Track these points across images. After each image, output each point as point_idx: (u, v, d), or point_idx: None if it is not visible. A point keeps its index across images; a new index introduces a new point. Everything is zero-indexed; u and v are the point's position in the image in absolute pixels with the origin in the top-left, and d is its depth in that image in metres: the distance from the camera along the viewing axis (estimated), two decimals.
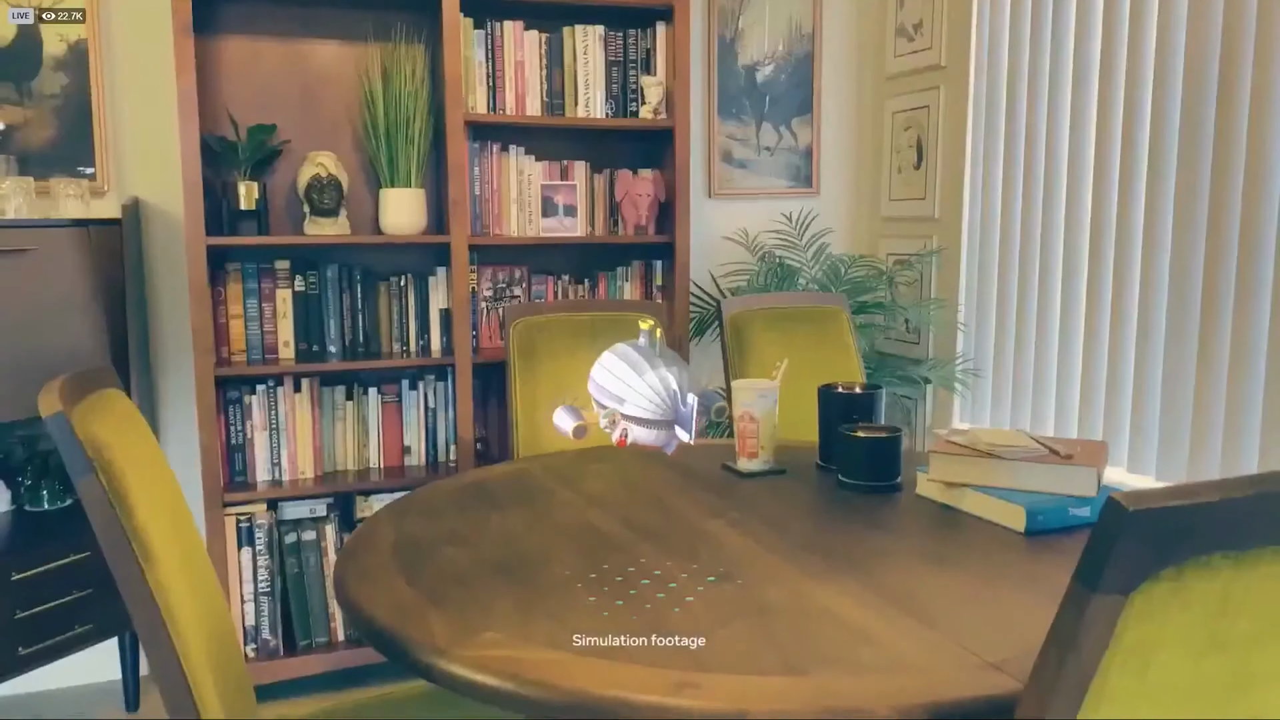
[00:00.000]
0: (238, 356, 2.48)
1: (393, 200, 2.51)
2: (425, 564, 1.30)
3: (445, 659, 1.01)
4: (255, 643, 2.45)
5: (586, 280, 2.80)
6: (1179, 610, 0.71)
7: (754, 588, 1.19)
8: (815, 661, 0.99)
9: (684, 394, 1.02)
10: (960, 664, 0.98)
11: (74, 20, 2.38)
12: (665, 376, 1.06)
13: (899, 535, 1.44)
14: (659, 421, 1.06)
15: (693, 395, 1.03)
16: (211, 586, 1.30)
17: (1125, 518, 0.65)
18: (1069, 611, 0.69)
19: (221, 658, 1.21)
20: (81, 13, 2.41)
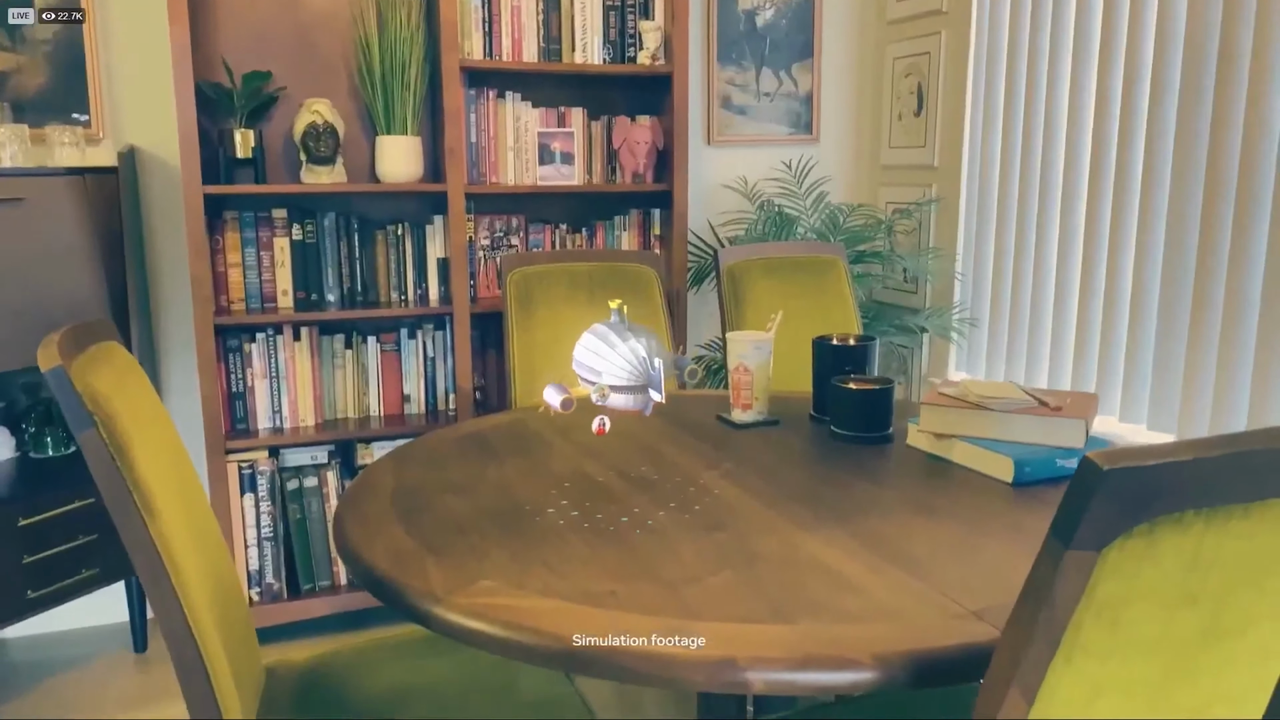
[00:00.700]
0: (237, 305, 2.49)
1: (389, 148, 2.50)
2: (424, 512, 1.33)
3: (442, 606, 1.04)
4: (259, 587, 2.49)
5: (584, 229, 2.80)
6: (1151, 565, 0.73)
7: (745, 538, 1.22)
8: (801, 609, 1.02)
9: (653, 360, 1.15)
10: (942, 612, 1.01)
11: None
12: (635, 346, 1.19)
13: (888, 486, 1.46)
14: (635, 386, 1.20)
15: (659, 359, 1.17)
16: (214, 536, 1.33)
17: (1099, 476, 0.66)
18: (1043, 565, 0.71)
19: (224, 605, 1.24)
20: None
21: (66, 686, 2.36)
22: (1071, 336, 2.39)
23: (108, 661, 2.48)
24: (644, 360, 1.19)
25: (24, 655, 2.52)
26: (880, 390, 1.65)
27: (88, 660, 2.48)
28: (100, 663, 2.47)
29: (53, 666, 2.46)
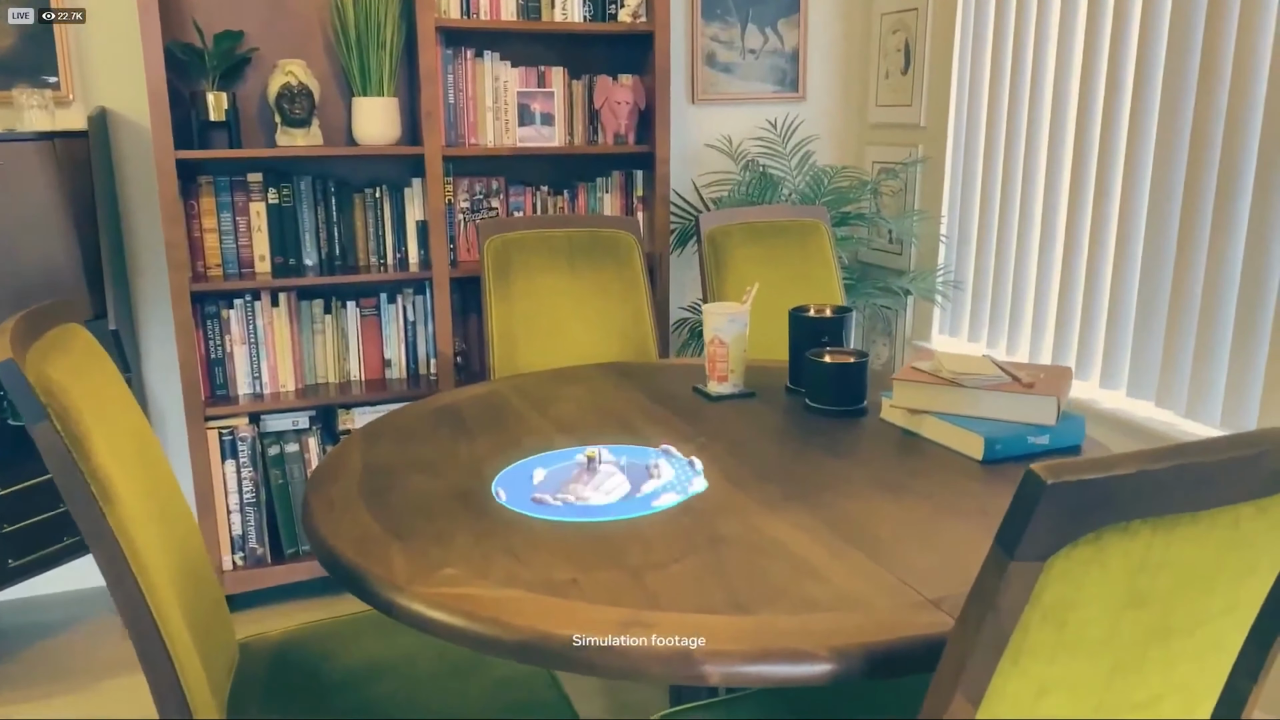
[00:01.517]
0: (213, 271, 2.47)
1: (365, 110, 2.46)
2: (391, 493, 1.33)
3: (404, 595, 1.04)
4: (243, 552, 2.51)
5: (565, 191, 2.76)
6: (1098, 570, 0.73)
7: (710, 518, 1.22)
8: (761, 598, 1.02)
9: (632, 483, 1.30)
10: (900, 601, 1.01)
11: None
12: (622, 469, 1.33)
13: (859, 462, 1.46)
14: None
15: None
16: (183, 518, 1.33)
17: (1042, 489, 0.66)
18: (989, 574, 0.71)
19: (191, 588, 1.24)
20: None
21: (54, 651, 2.38)
22: (1054, 300, 2.38)
23: (94, 625, 2.50)
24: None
25: (10, 620, 2.54)
26: (854, 364, 1.65)
27: (75, 624, 2.51)
28: (87, 626, 2.49)
29: (39, 631, 2.48)
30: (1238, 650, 0.90)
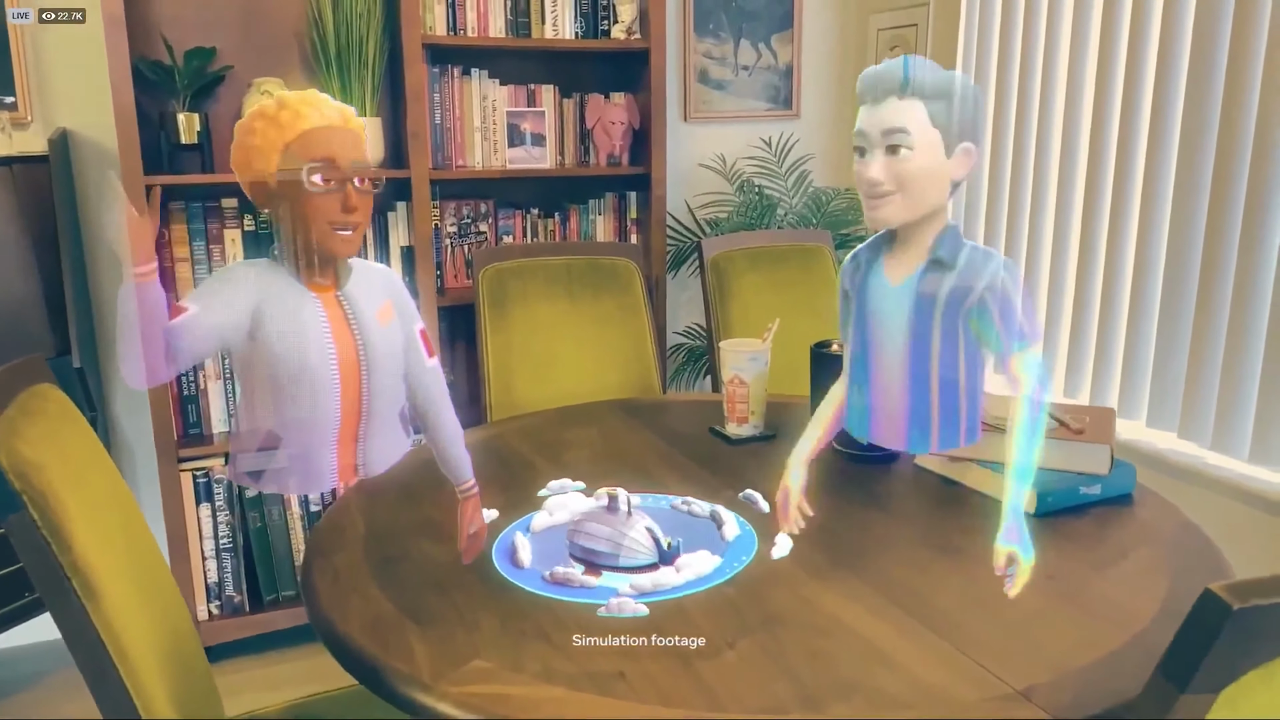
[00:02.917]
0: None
1: None
2: (400, 563, 1.21)
3: (431, 695, 0.93)
4: (219, 600, 2.36)
5: (556, 214, 2.65)
6: (1265, 693, 0.63)
7: (757, 592, 1.12)
8: (832, 692, 0.92)
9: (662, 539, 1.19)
10: (988, 694, 0.91)
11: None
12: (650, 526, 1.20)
13: (903, 518, 1.36)
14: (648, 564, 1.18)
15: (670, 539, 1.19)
16: (168, 593, 1.20)
17: (1228, 616, 0.56)
18: (1151, 708, 0.61)
19: (178, 675, 1.11)
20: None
21: (20, 707, 2.22)
22: (1067, 327, 2.31)
23: (63, 679, 2.34)
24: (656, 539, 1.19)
25: None
26: None
27: (41, 678, 2.34)
28: (55, 680, 2.33)
29: (7, 686, 2.31)
30: None
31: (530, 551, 1.18)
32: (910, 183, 1.33)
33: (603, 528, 1.18)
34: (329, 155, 1.23)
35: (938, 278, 1.33)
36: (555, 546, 1.21)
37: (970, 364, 1.35)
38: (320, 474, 1.31)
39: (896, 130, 1.31)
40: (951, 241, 1.36)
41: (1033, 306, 1.31)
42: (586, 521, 1.20)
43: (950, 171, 1.35)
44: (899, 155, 1.32)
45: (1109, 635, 1.01)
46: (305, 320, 1.26)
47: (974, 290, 1.31)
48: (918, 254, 1.39)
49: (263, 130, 1.24)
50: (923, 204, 1.36)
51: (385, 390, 1.35)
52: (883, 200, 1.34)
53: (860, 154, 1.38)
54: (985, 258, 1.33)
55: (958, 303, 1.32)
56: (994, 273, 1.31)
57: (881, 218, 1.36)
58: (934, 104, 1.31)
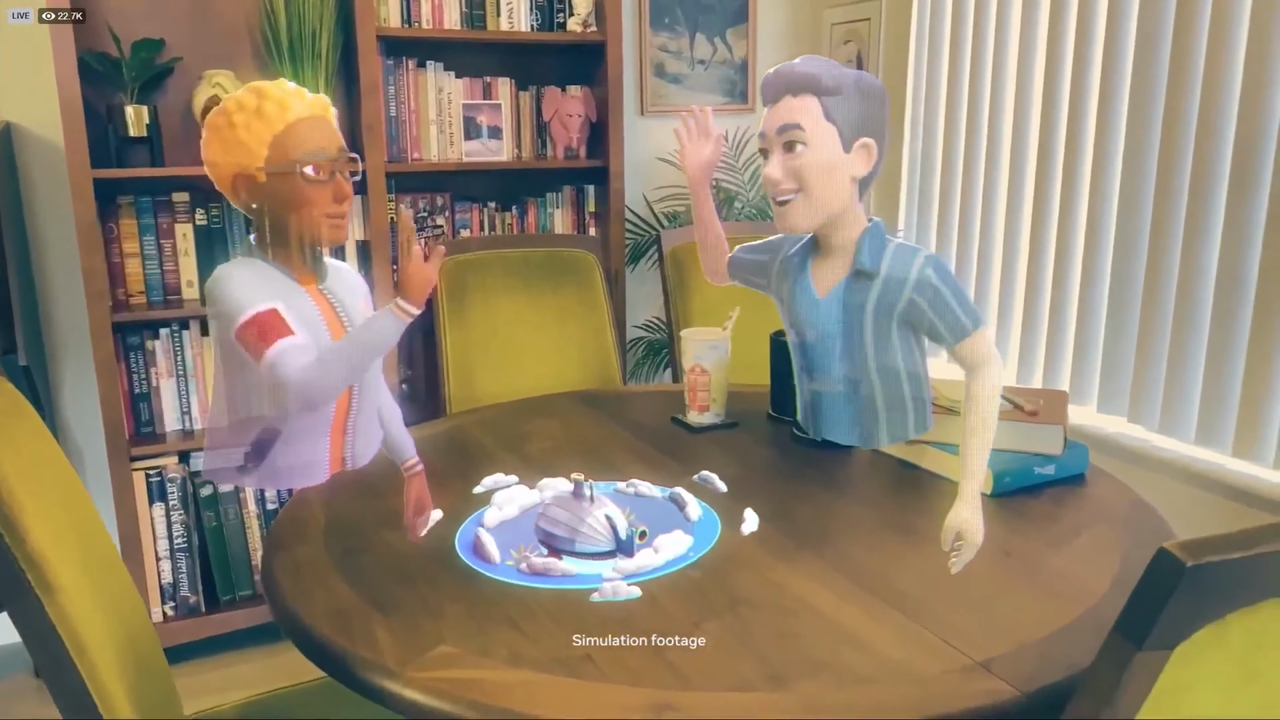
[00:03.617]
0: (136, 299, 2.28)
1: None
2: (363, 555, 1.20)
3: (397, 681, 0.92)
4: (174, 601, 2.32)
5: (514, 207, 2.64)
6: (1216, 651, 0.65)
7: (722, 574, 1.12)
8: (798, 670, 0.93)
9: (621, 527, 1.17)
10: (949, 666, 0.93)
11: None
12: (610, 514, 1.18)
13: (863, 501, 1.38)
14: (605, 551, 1.16)
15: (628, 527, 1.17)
16: (124, 590, 1.18)
17: (1182, 572, 0.58)
18: (1108, 666, 0.63)
19: (137, 672, 1.09)
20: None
21: None
22: (1019, 315, 2.35)
23: (4, 688, 2.28)
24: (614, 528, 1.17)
25: None
26: None
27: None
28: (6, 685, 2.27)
29: None
30: None
31: (497, 546, 1.17)
32: (809, 180, 1.31)
33: (563, 513, 1.18)
34: (320, 147, 1.22)
35: (864, 287, 1.33)
36: (511, 540, 1.21)
37: (909, 360, 1.37)
38: (315, 466, 1.31)
39: (791, 126, 1.31)
40: (873, 245, 1.36)
41: (966, 294, 1.32)
42: (551, 506, 1.20)
43: (850, 167, 1.35)
44: (795, 151, 1.30)
45: (1065, 609, 1.03)
46: (305, 315, 1.25)
47: (902, 295, 1.32)
48: (841, 260, 1.39)
49: (245, 123, 1.22)
50: (826, 205, 1.34)
51: (371, 383, 1.35)
52: (787, 204, 1.35)
53: (764, 156, 1.39)
54: (910, 257, 1.34)
55: (887, 309, 1.33)
56: (920, 273, 1.31)
57: (789, 224, 1.36)
58: (828, 99, 1.31)
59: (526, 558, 1.14)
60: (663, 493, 1.35)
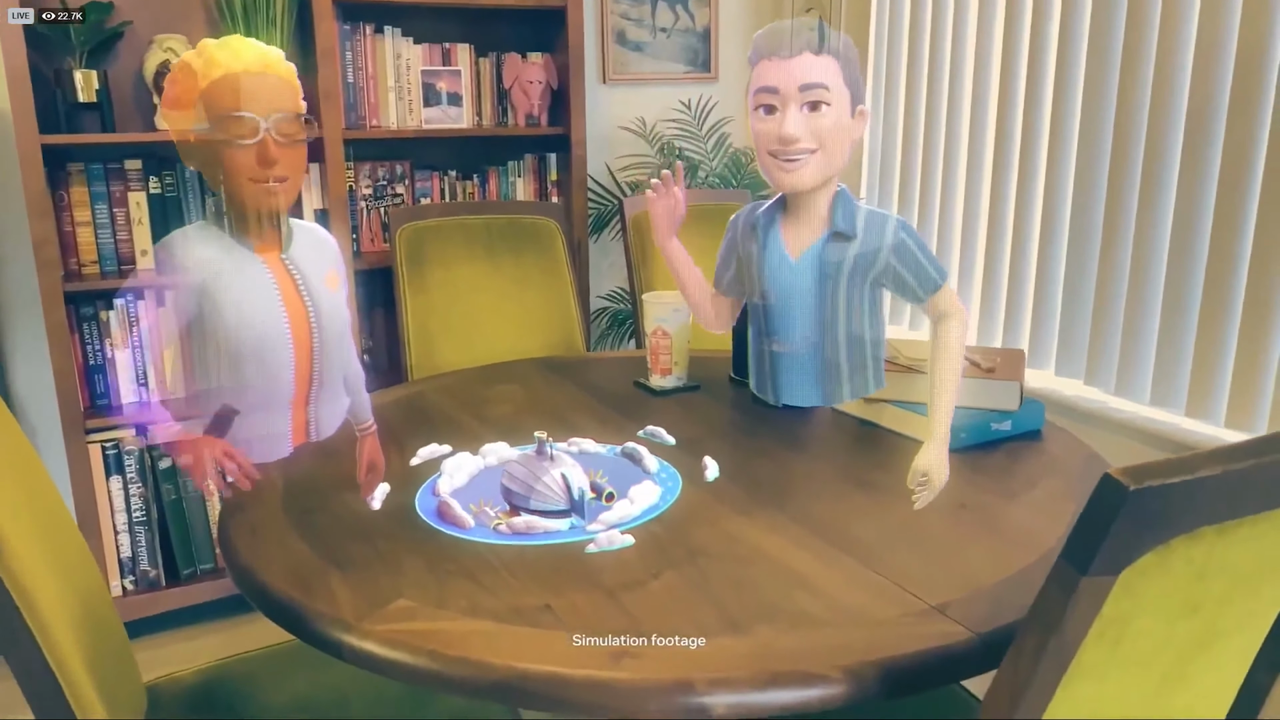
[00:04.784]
0: (89, 268, 2.24)
1: None
2: (320, 514, 1.19)
3: (354, 634, 0.92)
4: (134, 575, 2.29)
5: (475, 176, 2.62)
6: (1160, 579, 0.66)
7: (680, 528, 1.13)
8: (756, 615, 0.93)
9: (575, 487, 1.15)
10: (905, 610, 0.94)
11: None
12: (565, 473, 1.16)
13: (821, 458, 1.39)
14: (560, 510, 1.15)
15: (582, 487, 1.16)
16: (77, 551, 1.16)
17: (1124, 497, 0.59)
18: (1054, 592, 0.64)
19: (92, 631, 1.08)
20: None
21: None
22: (979, 280, 2.37)
23: None
24: (567, 488, 1.15)
25: None
26: None
27: None
28: None
29: None
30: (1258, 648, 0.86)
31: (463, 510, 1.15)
32: (829, 140, 1.33)
33: (522, 470, 1.18)
34: (240, 106, 1.18)
35: (841, 248, 1.35)
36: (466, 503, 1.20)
37: (874, 323, 1.40)
38: (278, 439, 1.30)
39: (817, 85, 1.31)
40: (846, 208, 1.37)
41: (931, 250, 1.37)
42: (513, 463, 1.20)
43: (853, 132, 1.38)
44: (820, 111, 1.32)
45: (1019, 556, 1.05)
46: (256, 287, 1.23)
47: (879, 258, 1.34)
48: (813, 223, 1.40)
49: (182, 82, 1.19)
50: (837, 166, 1.37)
51: (334, 355, 1.34)
52: (800, 161, 1.34)
53: (767, 111, 1.37)
54: (881, 222, 1.37)
55: (863, 270, 1.35)
56: (895, 237, 1.35)
57: (796, 180, 1.35)
58: (844, 63, 1.34)
59: (505, 519, 1.13)
60: (610, 451, 1.36)
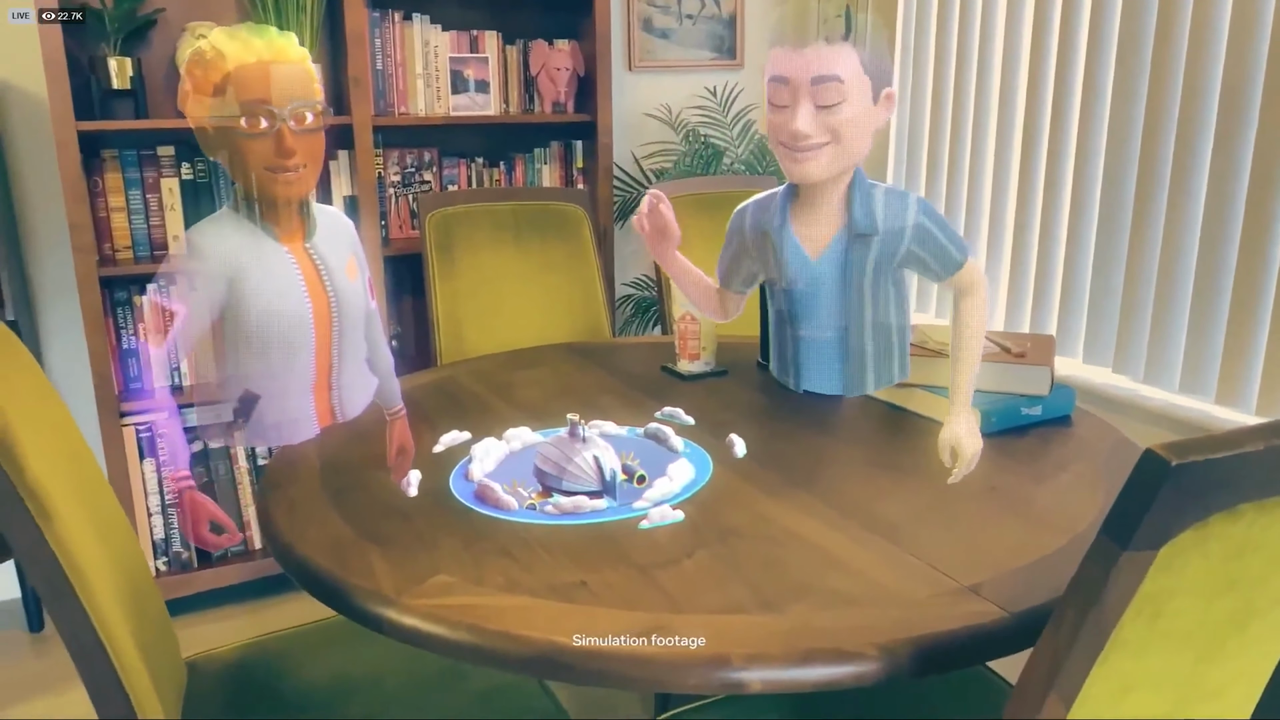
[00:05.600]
0: (123, 254, 2.27)
1: None
2: (358, 492, 1.21)
3: (395, 609, 0.93)
4: (167, 556, 2.33)
5: (502, 163, 2.63)
6: (1199, 557, 0.67)
7: (712, 508, 1.14)
8: (789, 594, 0.94)
9: (607, 468, 1.17)
10: (936, 589, 0.95)
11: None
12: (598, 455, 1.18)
13: (851, 442, 1.40)
14: (592, 491, 1.17)
15: (614, 468, 1.18)
16: (121, 527, 1.19)
17: (1166, 472, 0.59)
18: (1095, 567, 0.64)
19: (137, 606, 1.10)
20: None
21: None
22: (1006, 268, 2.37)
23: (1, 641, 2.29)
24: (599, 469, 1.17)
25: None
26: None
27: None
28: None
29: None
30: None
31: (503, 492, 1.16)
32: (844, 135, 1.23)
33: (555, 451, 1.19)
34: (257, 96, 1.19)
35: (863, 248, 1.28)
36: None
37: (899, 310, 1.35)
38: (302, 422, 1.32)
39: (829, 77, 1.22)
40: (864, 198, 1.29)
41: (952, 228, 1.31)
42: (546, 445, 1.21)
43: (876, 119, 1.27)
44: (833, 105, 1.21)
45: (1049, 538, 1.05)
46: (281, 276, 1.25)
47: (900, 246, 1.28)
48: (827, 216, 1.32)
49: (195, 72, 1.21)
50: (854, 159, 1.27)
51: (354, 340, 1.36)
52: (811, 153, 1.25)
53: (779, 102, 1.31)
54: (901, 207, 1.29)
55: (886, 263, 1.29)
56: (916, 221, 1.27)
57: (808, 171, 1.26)
58: (863, 48, 1.23)
59: (536, 500, 1.14)
60: (630, 432, 1.37)
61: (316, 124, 1.24)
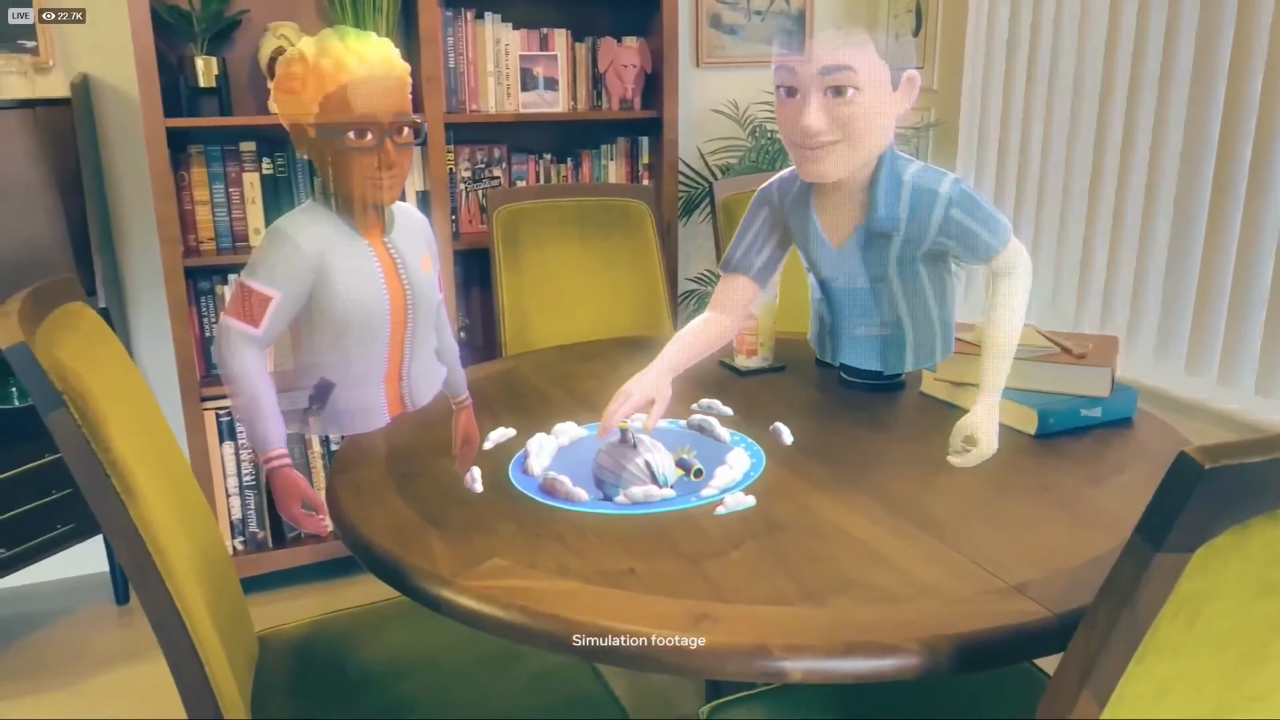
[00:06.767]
0: (206, 245, 2.37)
1: None
2: (421, 478, 1.26)
3: (451, 589, 0.97)
4: (243, 536, 2.43)
5: (569, 159, 2.67)
6: (1238, 560, 0.67)
7: (761, 502, 1.16)
8: (832, 588, 0.96)
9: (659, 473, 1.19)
10: (981, 587, 0.95)
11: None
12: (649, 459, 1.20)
13: (905, 439, 1.40)
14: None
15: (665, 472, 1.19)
16: (199, 508, 1.26)
17: (1200, 475, 0.60)
18: (1128, 567, 0.65)
19: (214, 582, 1.17)
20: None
21: (46, 641, 2.30)
22: (1077, 269, 2.33)
23: (88, 614, 2.41)
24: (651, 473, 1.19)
25: (2, 608, 2.45)
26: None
27: (68, 613, 2.42)
28: (81, 616, 2.41)
29: (31, 621, 2.39)
30: None
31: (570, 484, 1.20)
32: (857, 129, 1.17)
33: (608, 459, 1.22)
34: (368, 112, 1.24)
35: (882, 245, 1.24)
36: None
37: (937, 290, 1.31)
38: (374, 411, 1.38)
39: (839, 68, 1.16)
40: (889, 191, 1.22)
41: (991, 213, 1.25)
42: (601, 452, 1.24)
43: (896, 106, 1.22)
44: (845, 97, 1.16)
45: (1100, 539, 1.05)
46: (363, 268, 1.31)
47: (925, 239, 1.23)
48: (847, 207, 1.27)
49: (302, 76, 1.25)
50: (868, 153, 1.21)
51: (425, 331, 1.42)
52: (821, 151, 1.19)
53: (787, 92, 1.23)
54: (930, 199, 1.22)
55: (911, 255, 1.25)
56: (944, 215, 1.22)
57: (820, 172, 1.22)
58: (880, 32, 1.19)
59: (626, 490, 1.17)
60: (673, 425, 1.39)
61: (413, 139, 1.30)
